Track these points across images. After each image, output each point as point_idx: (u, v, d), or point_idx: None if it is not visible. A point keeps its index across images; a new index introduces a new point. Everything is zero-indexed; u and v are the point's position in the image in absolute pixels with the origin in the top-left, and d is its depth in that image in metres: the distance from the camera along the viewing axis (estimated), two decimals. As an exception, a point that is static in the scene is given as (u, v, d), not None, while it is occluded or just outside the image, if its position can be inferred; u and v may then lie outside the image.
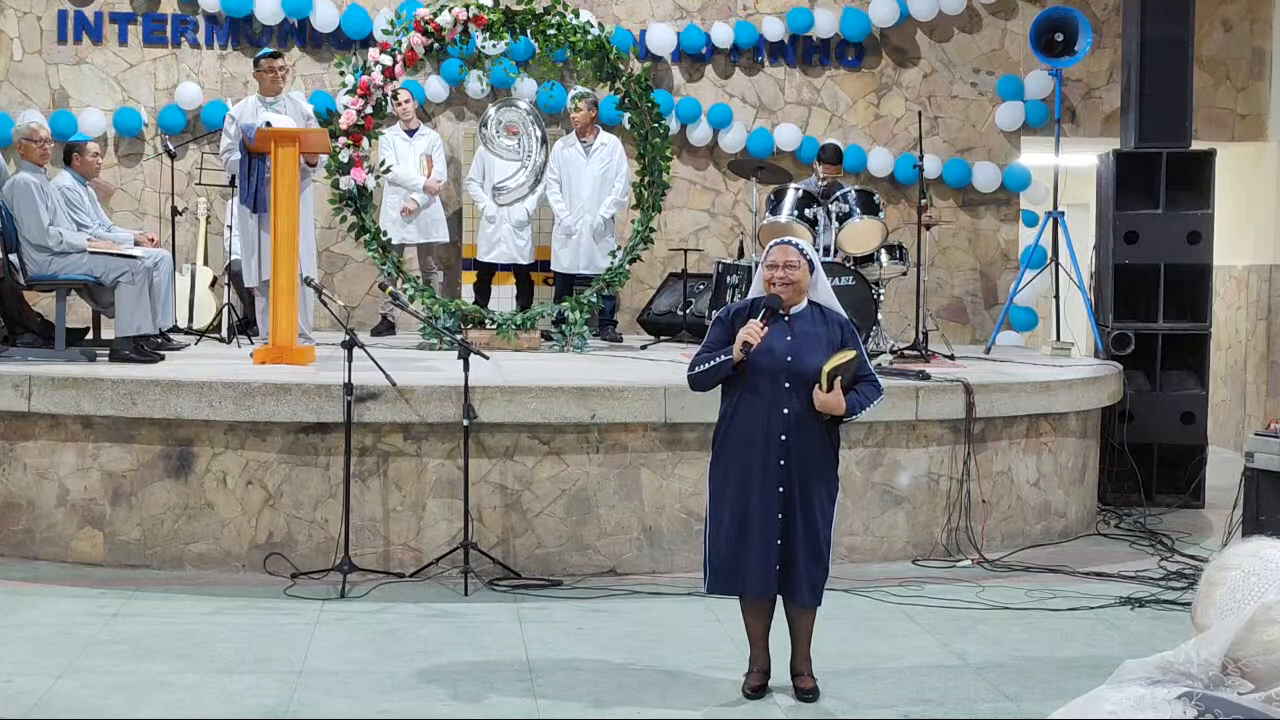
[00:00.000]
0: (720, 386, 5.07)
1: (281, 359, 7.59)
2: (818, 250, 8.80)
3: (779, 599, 5.10)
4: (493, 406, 6.77)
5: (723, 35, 11.07)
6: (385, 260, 8.96)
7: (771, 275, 5.00)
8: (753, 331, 4.87)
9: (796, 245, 5.06)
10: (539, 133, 9.81)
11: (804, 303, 5.05)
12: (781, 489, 4.91)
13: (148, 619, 5.96)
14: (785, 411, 4.91)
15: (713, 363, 4.98)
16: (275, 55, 8.95)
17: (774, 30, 11.12)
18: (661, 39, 11.03)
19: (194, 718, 4.80)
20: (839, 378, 4.88)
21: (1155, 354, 9.29)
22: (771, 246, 5.09)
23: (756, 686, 5.12)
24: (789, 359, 4.93)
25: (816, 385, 4.90)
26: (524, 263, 10.43)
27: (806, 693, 5.08)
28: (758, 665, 5.16)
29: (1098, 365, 9.02)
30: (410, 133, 10.32)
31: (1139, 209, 9.37)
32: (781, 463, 4.91)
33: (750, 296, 5.20)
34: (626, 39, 10.80)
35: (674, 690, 5.19)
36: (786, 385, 4.92)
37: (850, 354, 4.90)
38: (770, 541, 4.92)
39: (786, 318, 5.01)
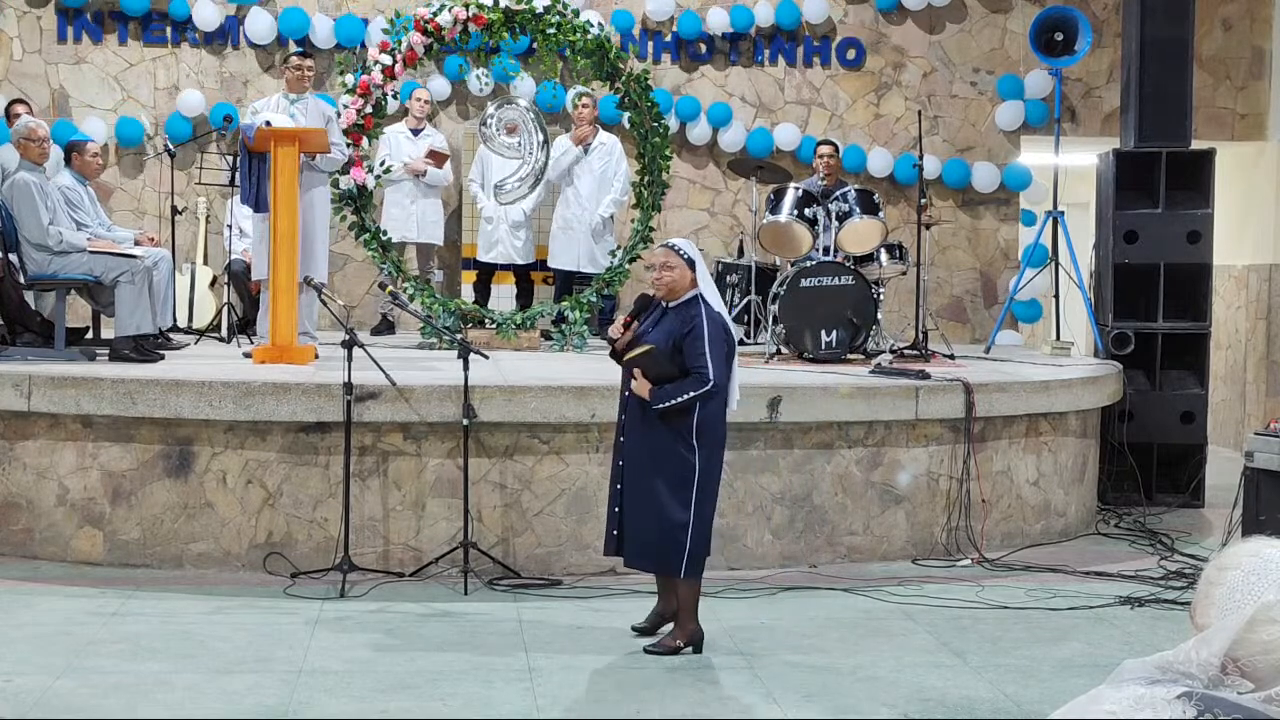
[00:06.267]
0: None
1: (281, 358, 7.59)
2: (818, 250, 8.83)
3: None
4: (493, 406, 6.77)
5: (722, 21, 11.05)
6: (385, 260, 8.96)
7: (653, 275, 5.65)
8: (615, 327, 5.67)
9: (674, 247, 5.58)
10: (539, 131, 9.80)
11: (687, 296, 5.52)
12: (620, 463, 5.62)
13: (147, 618, 5.96)
14: (626, 395, 5.61)
15: None
16: (305, 55, 8.94)
17: (767, 17, 11.09)
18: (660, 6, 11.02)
19: (194, 718, 4.80)
20: (636, 368, 5.43)
21: (1155, 353, 9.28)
22: (656, 249, 5.67)
23: (635, 626, 5.81)
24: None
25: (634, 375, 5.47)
26: (522, 262, 10.42)
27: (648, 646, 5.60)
28: (651, 613, 5.80)
29: (1097, 365, 9.01)
30: (415, 132, 10.32)
31: (1139, 208, 9.37)
32: (621, 439, 5.64)
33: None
34: (628, 20, 10.80)
35: (674, 690, 5.19)
36: (631, 373, 5.54)
37: (645, 348, 5.44)
38: (611, 508, 5.65)
39: (664, 310, 5.58)
